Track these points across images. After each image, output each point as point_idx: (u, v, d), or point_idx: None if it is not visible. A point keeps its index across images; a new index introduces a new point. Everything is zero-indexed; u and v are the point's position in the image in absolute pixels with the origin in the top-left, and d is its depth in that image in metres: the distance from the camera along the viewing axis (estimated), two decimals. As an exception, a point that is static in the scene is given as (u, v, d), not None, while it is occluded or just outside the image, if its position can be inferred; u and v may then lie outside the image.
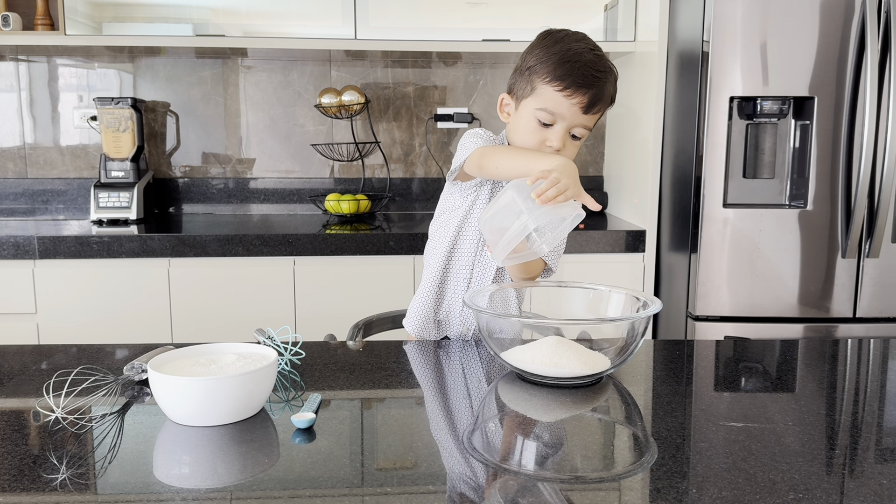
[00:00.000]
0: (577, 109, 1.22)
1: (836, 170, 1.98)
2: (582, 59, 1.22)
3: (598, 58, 1.24)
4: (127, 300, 2.12)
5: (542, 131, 1.25)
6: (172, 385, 0.87)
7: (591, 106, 1.23)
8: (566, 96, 1.22)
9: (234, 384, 0.88)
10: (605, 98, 1.25)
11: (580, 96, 1.21)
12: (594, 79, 1.22)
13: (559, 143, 1.24)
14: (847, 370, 1.15)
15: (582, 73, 1.21)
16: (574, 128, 1.25)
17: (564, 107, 1.22)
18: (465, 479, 0.76)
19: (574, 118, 1.23)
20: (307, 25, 2.33)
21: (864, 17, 1.90)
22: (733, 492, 0.72)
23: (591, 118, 1.25)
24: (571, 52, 1.22)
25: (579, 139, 1.27)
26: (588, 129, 1.27)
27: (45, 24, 2.38)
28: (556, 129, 1.24)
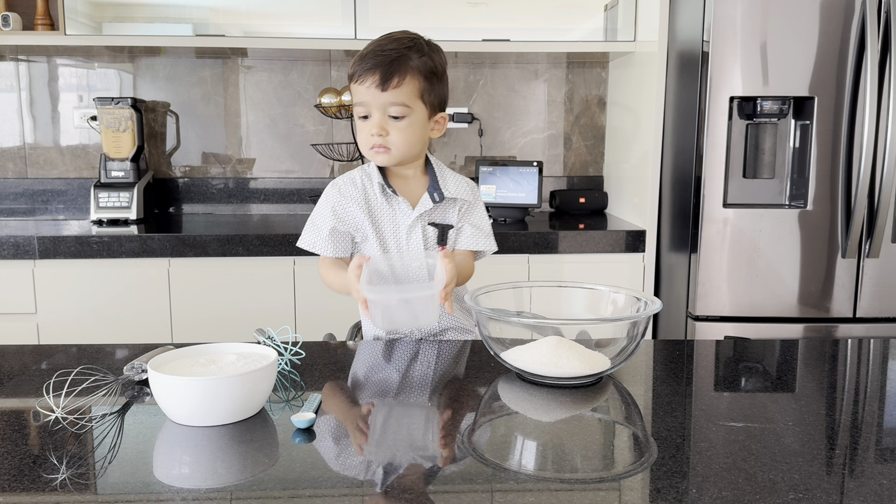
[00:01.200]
0: (374, 90, 1.26)
1: (836, 170, 1.98)
2: (371, 48, 1.28)
3: (389, 40, 1.29)
4: (127, 300, 2.12)
5: (365, 125, 1.30)
6: (172, 385, 0.87)
7: (386, 81, 1.25)
8: (359, 83, 1.27)
9: (234, 384, 0.88)
10: (401, 70, 1.26)
11: (371, 77, 1.26)
12: (380, 57, 1.26)
13: (376, 127, 1.27)
14: (847, 370, 1.15)
15: (368, 58, 1.26)
16: (387, 108, 1.27)
17: (362, 93, 1.27)
18: (465, 480, 0.76)
19: (377, 99, 1.26)
20: (307, 25, 2.33)
21: (864, 17, 1.90)
22: (733, 492, 0.72)
23: (396, 93, 1.26)
24: (366, 49, 1.29)
25: (401, 119, 1.28)
26: (403, 105, 1.27)
27: (45, 24, 2.38)
28: (372, 117, 1.28)
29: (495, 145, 2.78)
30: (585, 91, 2.78)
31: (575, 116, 2.79)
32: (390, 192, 1.35)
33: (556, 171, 2.81)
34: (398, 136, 1.29)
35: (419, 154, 1.37)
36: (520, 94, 2.76)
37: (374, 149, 1.30)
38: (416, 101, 1.29)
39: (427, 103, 1.32)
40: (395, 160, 1.32)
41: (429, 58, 1.31)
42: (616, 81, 2.67)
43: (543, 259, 2.21)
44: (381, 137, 1.28)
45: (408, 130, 1.29)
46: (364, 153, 1.33)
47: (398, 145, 1.30)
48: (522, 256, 2.21)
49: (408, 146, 1.31)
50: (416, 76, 1.28)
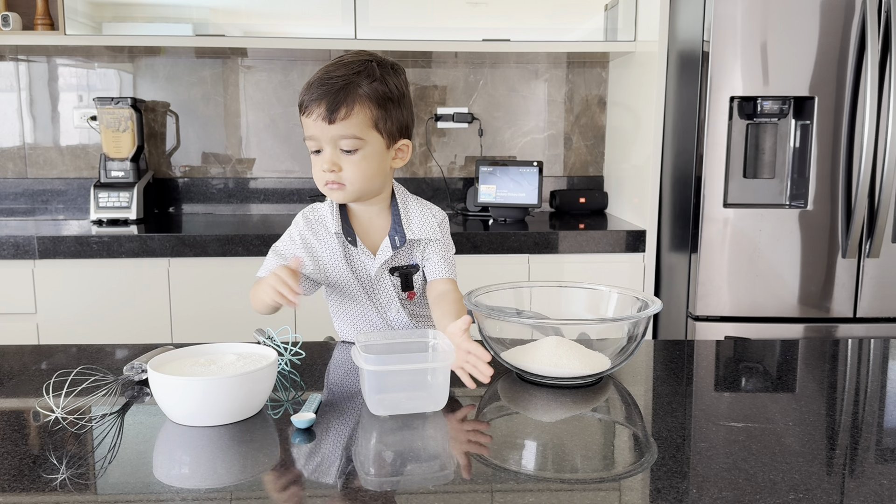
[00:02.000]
0: (322, 123, 1.16)
1: (837, 170, 1.98)
2: (318, 77, 1.18)
3: (338, 66, 1.18)
4: (127, 300, 2.12)
5: (317, 160, 1.20)
6: (172, 385, 0.87)
7: (333, 112, 1.15)
8: (307, 116, 1.17)
9: (234, 384, 0.88)
10: (348, 99, 1.15)
11: (316, 109, 1.16)
12: (326, 87, 1.15)
13: (327, 164, 1.17)
14: (847, 370, 1.15)
15: (314, 90, 1.16)
16: (338, 142, 1.17)
17: (311, 127, 1.17)
18: (465, 480, 0.76)
19: (325, 133, 1.16)
20: (307, 25, 2.33)
21: (864, 17, 1.90)
22: (733, 492, 0.72)
23: (345, 125, 1.16)
24: (313, 77, 1.19)
25: (354, 152, 1.17)
26: (355, 138, 1.17)
27: (45, 24, 2.38)
28: (324, 152, 1.18)
29: (495, 145, 2.78)
30: (585, 91, 2.78)
31: (575, 116, 2.79)
32: (349, 244, 1.27)
33: (556, 171, 2.81)
34: (352, 171, 1.18)
35: (381, 188, 1.25)
36: (520, 93, 2.76)
37: (327, 185, 1.20)
38: (369, 132, 1.18)
39: (383, 132, 1.19)
40: (353, 196, 1.22)
41: (381, 82, 1.18)
42: (616, 81, 2.67)
43: (543, 259, 2.21)
44: (334, 173, 1.18)
45: (362, 164, 1.18)
46: (320, 189, 1.23)
47: (353, 181, 1.19)
48: (522, 256, 2.21)
49: (364, 181, 1.20)
50: (366, 104, 1.16)
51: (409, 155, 1.27)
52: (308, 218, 1.30)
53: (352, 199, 1.24)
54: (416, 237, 1.27)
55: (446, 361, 0.93)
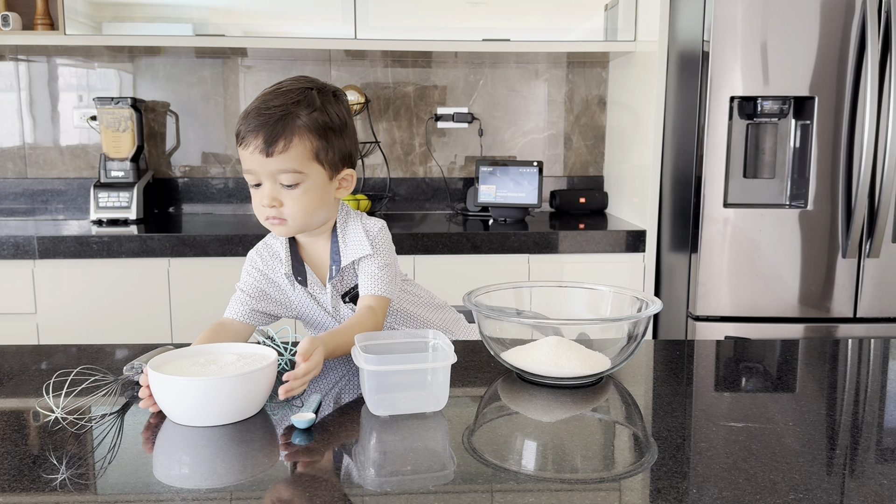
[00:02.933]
0: (259, 157, 1.11)
1: (837, 170, 1.98)
2: (254, 106, 1.13)
3: (276, 95, 1.13)
4: (127, 300, 2.12)
5: (257, 193, 1.15)
6: (172, 385, 0.87)
7: (271, 145, 1.10)
8: (244, 148, 1.12)
9: (234, 384, 0.88)
10: (286, 132, 1.10)
11: (253, 142, 1.11)
12: (263, 118, 1.10)
13: (266, 199, 1.13)
14: (847, 370, 1.15)
15: (251, 120, 1.11)
16: (276, 175, 1.12)
17: (249, 160, 1.12)
18: (465, 480, 0.76)
19: (263, 167, 1.11)
20: (307, 25, 2.33)
21: (864, 17, 1.90)
22: (733, 492, 0.72)
23: (283, 158, 1.11)
24: (250, 107, 1.14)
25: (295, 186, 1.13)
26: (295, 172, 1.12)
27: (45, 23, 2.38)
28: (263, 186, 1.14)
29: (495, 145, 2.78)
30: (585, 91, 2.78)
31: (575, 116, 2.79)
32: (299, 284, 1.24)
33: (556, 171, 2.81)
34: (294, 206, 1.14)
35: (325, 219, 1.21)
36: (520, 93, 2.76)
37: (268, 220, 1.16)
38: (309, 165, 1.13)
39: (325, 163, 1.14)
40: (295, 231, 1.19)
41: (321, 112, 1.13)
42: (616, 81, 2.67)
43: (543, 259, 2.21)
44: (275, 209, 1.14)
45: (303, 199, 1.14)
46: (262, 223, 1.19)
47: (294, 216, 1.14)
48: (522, 256, 2.21)
49: (306, 215, 1.15)
50: (305, 136, 1.11)
51: (354, 184, 1.22)
52: (262, 254, 1.27)
53: (294, 233, 1.20)
54: (350, 259, 1.22)
55: (446, 361, 0.93)
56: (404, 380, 0.94)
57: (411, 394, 0.94)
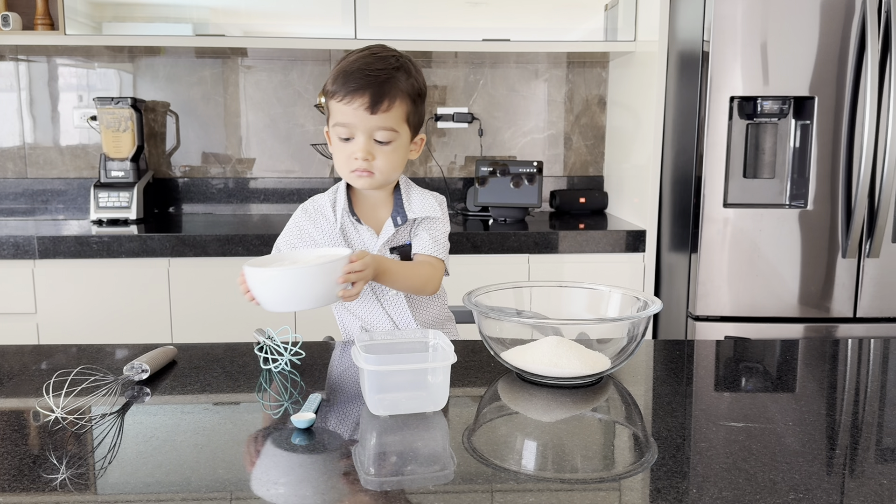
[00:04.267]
0: (362, 112, 1.20)
1: (837, 170, 1.98)
2: (355, 66, 1.22)
3: (376, 59, 1.23)
4: (127, 300, 2.12)
5: (345, 146, 1.24)
6: (267, 277, 1.06)
7: (376, 104, 1.20)
8: (347, 104, 1.20)
9: (314, 273, 1.06)
10: (391, 93, 1.21)
11: (359, 98, 1.20)
12: (369, 78, 1.20)
13: (361, 152, 1.22)
14: (847, 370, 1.15)
15: (354, 78, 1.20)
16: (374, 132, 1.22)
17: (349, 115, 1.21)
18: (465, 480, 0.76)
19: (364, 122, 1.21)
20: (307, 25, 2.33)
21: (864, 17, 1.90)
22: (733, 492, 0.72)
23: (385, 117, 1.21)
24: (347, 64, 1.23)
25: (388, 143, 1.23)
26: (391, 130, 1.23)
27: (45, 23, 2.38)
28: (357, 140, 1.22)
29: (495, 145, 2.78)
30: (585, 91, 2.78)
31: (575, 116, 2.79)
32: (355, 221, 1.32)
33: (556, 171, 2.81)
34: (384, 161, 1.24)
35: (398, 176, 1.33)
36: (520, 93, 2.76)
37: (355, 172, 1.24)
38: (401, 125, 1.24)
39: (411, 126, 1.27)
40: (378, 185, 1.28)
41: (415, 80, 1.26)
42: (616, 81, 2.67)
43: (543, 259, 2.21)
44: (367, 162, 1.23)
45: (392, 155, 1.24)
46: (343, 176, 1.27)
47: (383, 170, 1.24)
48: (522, 256, 2.21)
49: (391, 171, 1.26)
50: (404, 99, 1.23)
51: (421, 149, 1.34)
52: (307, 209, 1.36)
53: (376, 186, 1.29)
54: (416, 216, 1.33)
55: (446, 361, 0.93)
56: (404, 380, 0.94)
57: (411, 394, 0.94)
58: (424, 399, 0.93)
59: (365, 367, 0.91)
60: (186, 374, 1.08)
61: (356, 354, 0.94)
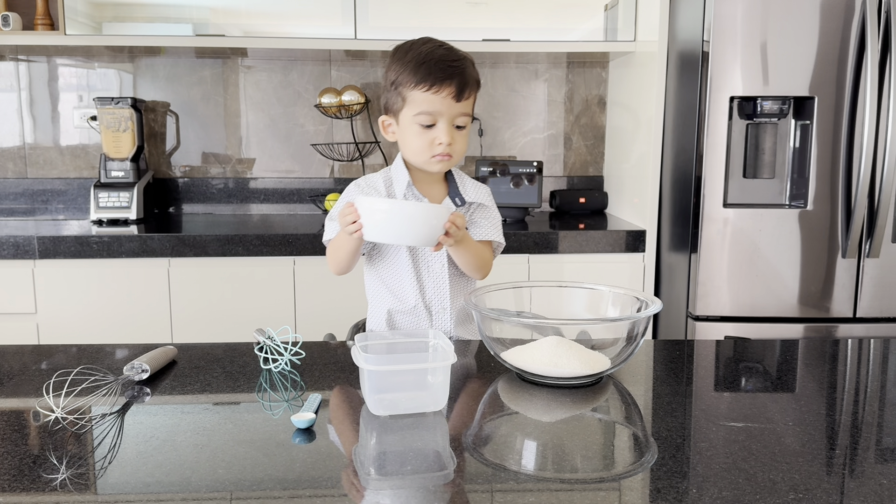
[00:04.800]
0: (449, 101, 1.28)
1: (837, 170, 1.98)
2: (434, 55, 1.30)
3: (448, 51, 1.32)
4: (127, 300, 2.12)
5: (427, 133, 1.31)
6: (384, 206, 1.13)
7: (461, 93, 1.29)
8: (434, 93, 1.28)
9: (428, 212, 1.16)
10: (470, 82, 1.31)
11: (447, 88, 1.28)
12: (453, 69, 1.29)
13: (446, 137, 1.30)
14: (847, 370, 1.15)
15: (440, 68, 1.28)
16: (455, 118, 1.31)
17: (437, 103, 1.28)
18: (465, 480, 0.76)
19: (450, 110, 1.29)
20: (307, 25, 2.33)
21: (864, 17, 1.90)
22: (733, 492, 0.72)
23: (466, 104, 1.31)
24: (424, 54, 1.30)
25: (464, 128, 1.33)
26: (469, 116, 1.33)
27: (45, 24, 2.38)
28: (440, 126, 1.30)
29: (495, 145, 2.78)
30: (585, 91, 2.78)
31: (575, 116, 2.79)
32: (417, 193, 1.38)
33: (556, 171, 2.81)
34: (460, 145, 1.33)
35: None
36: (520, 94, 2.76)
37: (436, 157, 1.32)
38: (471, 112, 1.35)
39: (472, 113, 1.37)
40: (452, 165, 1.37)
41: (478, 72, 1.36)
42: (616, 81, 2.67)
43: (543, 259, 2.21)
44: (449, 146, 1.31)
45: (465, 139, 1.34)
46: (419, 160, 1.34)
47: (459, 152, 1.34)
48: (522, 256, 2.21)
49: (463, 153, 1.37)
50: (475, 88, 1.34)
51: None
52: (360, 185, 1.41)
53: (451, 167, 1.39)
54: (473, 200, 1.41)
55: (446, 361, 0.93)
56: (404, 380, 0.95)
57: (411, 394, 0.94)
58: (424, 399, 0.93)
59: (365, 367, 0.91)
60: (186, 374, 1.08)
61: (356, 355, 0.94)
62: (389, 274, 1.40)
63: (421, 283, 1.39)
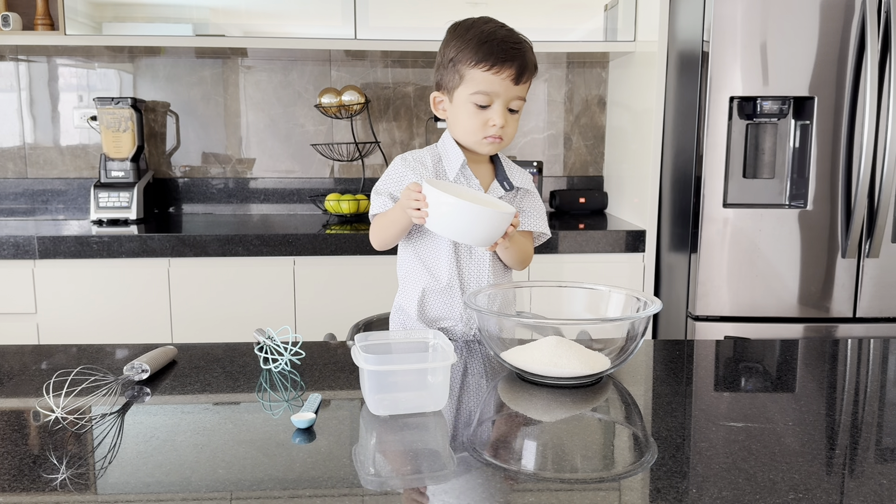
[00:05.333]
0: (508, 83, 1.27)
1: (836, 170, 1.98)
2: (497, 36, 1.28)
3: (510, 32, 1.31)
4: (127, 300, 2.12)
5: (481, 113, 1.29)
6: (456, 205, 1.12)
7: (520, 76, 1.28)
8: (495, 73, 1.26)
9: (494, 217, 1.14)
10: (529, 66, 1.30)
11: (508, 69, 1.26)
12: (515, 51, 1.27)
13: (501, 119, 1.29)
14: (847, 370, 1.15)
15: (502, 48, 1.26)
16: (510, 101, 1.29)
17: (496, 84, 1.27)
18: (465, 480, 0.76)
19: (508, 92, 1.28)
20: (307, 25, 2.33)
21: (864, 17, 1.90)
22: (733, 492, 0.72)
23: (523, 88, 1.30)
24: (486, 34, 1.28)
25: (517, 112, 1.32)
26: (523, 100, 1.32)
27: (45, 24, 2.38)
28: (495, 108, 1.29)
29: (495, 145, 2.78)
30: (585, 91, 2.78)
31: (575, 116, 2.79)
32: (469, 174, 1.36)
33: (556, 171, 2.81)
34: (512, 127, 1.32)
35: None
36: (520, 94, 2.76)
37: (488, 138, 1.31)
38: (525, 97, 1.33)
39: None
40: (502, 147, 1.36)
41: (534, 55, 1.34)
42: (616, 81, 2.67)
43: (543, 259, 2.21)
44: (502, 129, 1.30)
45: (517, 122, 1.34)
46: (469, 140, 1.32)
47: (510, 135, 1.33)
48: (522, 256, 2.20)
49: (512, 138, 1.36)
50: (533, 73, 1.32)
51: None
52: (406, 159, 1.39)
53: (501, 149, 1.37)
54: (519, 185, 1.40)
55: (446, 361, 0.93)
56: (404, 380, 0.95)
57: (411, 394, 0.94)
58: (425, 399, 0.93)
59: (365, 367, 0.91)
60: (186, 374, 1.08)
61: (356, 355, 0.94)
62: (427, 251, 1.38)
63: (459, 263, 1.36)
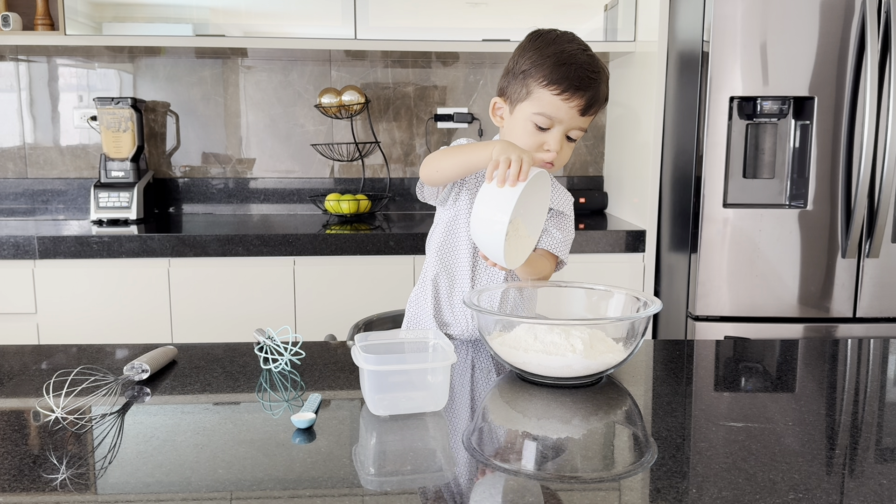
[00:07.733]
0: (574, 112, 1.21)
1: (836, 170, 1.98)
2: (577, 60, 1.20)
3: (591, 58, 1.22)
4: (127, 300, 2.12)
5: (539, 135, 1.23)
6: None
7: (589, 108, 1.21)
8: (564, 100, 1.20)
9: None
10: (600, 99, 1.23)
11: (578, 99, 1.20)
12: (590, 80, 1.20)
13: (558, 145, 1.22)
14: (847, 370, 1.15)
15: (578, 76, 1.19)
16: (571, 130, 1.23)
17: (563, 110, 1.20)
18: (465, 480, 0.76)
19: (572, 121, 1.22)
20: (307, 25, 2.33)
21: (864, 17, 1.90)
22: (733, 492, 0.72)
23: (588, 119, 1.24)
24: (566, 55, 1.20)
25: (574, 140, 1.26)
26: (584, 131, 1.26)
27: (45, 24, 2.38)
28: (554, 133, 1.22)
29: (495, 145, 2.77)
30: (585, 91, 2.77)
31: (575, 116, 2.78)
32: None
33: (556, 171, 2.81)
34: (566, 155, 1.26)
35: None
36: (520, 94, 2.76)
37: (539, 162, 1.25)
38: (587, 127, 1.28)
39: None
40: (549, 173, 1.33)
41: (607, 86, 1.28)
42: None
43: (543, 259, 2.20)
44: (554, 154, 1.24)
45: (571, 151, 1.28)
46: None
47: (562, 163, 1.27)
48: (522, 256, 2.20)
49: (563, 165, 1.31)
50: (602, 106, 1.26)
51: None
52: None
53: None
54: (558, 208, 1.37)
55: (446, 361, 0.93)
56: (404, 380, 0.95)
57: (411, 394, 0.94)
58: (425, 399, 0.93)
59: (365, 367, 0.91)
60: (186, 374, 1.08)
61: (356, 355, 0.94)
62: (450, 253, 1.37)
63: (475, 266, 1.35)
